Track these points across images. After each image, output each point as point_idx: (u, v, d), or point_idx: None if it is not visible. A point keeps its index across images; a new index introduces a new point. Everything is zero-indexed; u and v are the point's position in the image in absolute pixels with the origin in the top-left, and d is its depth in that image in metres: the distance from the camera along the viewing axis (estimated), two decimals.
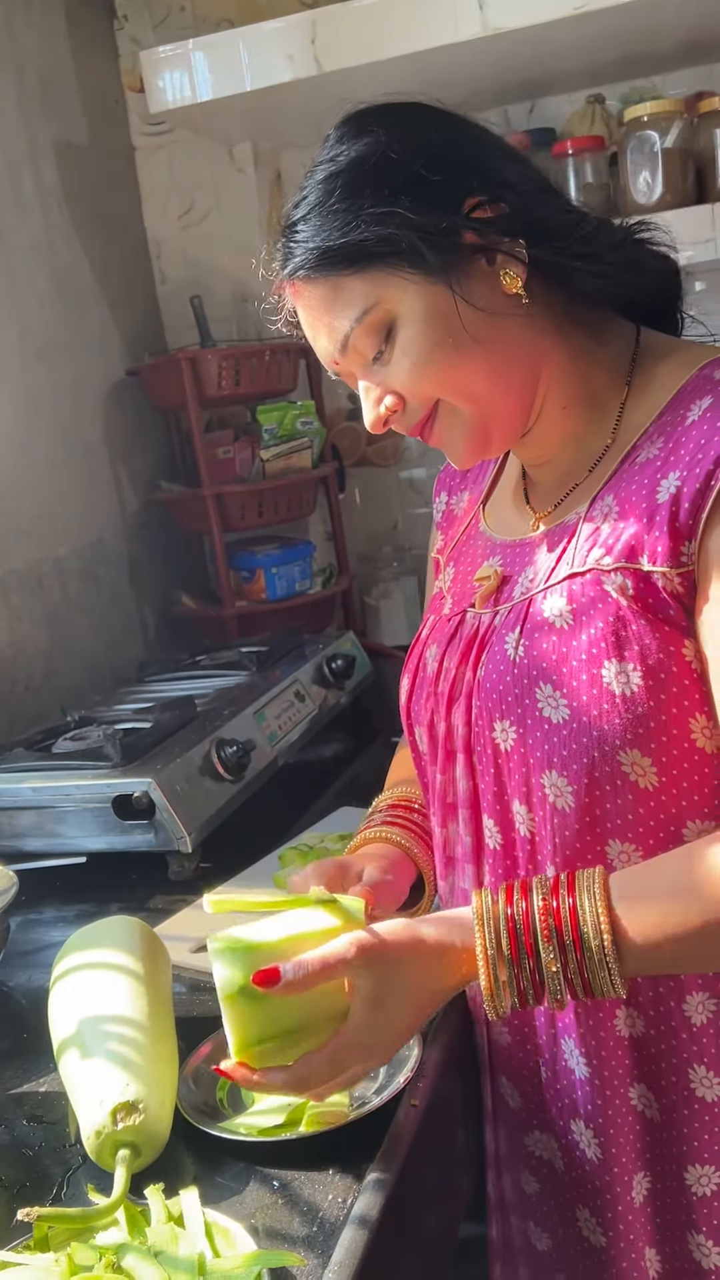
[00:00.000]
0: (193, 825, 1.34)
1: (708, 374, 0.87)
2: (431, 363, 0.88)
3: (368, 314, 0.87)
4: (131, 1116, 0.81)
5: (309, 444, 2.14)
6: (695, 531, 0.81)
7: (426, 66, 1.80)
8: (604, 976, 0.76)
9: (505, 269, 0.87)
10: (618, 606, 0.84)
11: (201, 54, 1.87)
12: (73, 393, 1.96)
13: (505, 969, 0.78)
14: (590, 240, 0.90)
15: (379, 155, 0.86)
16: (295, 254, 0.89)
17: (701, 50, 1.96)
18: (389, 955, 0.79)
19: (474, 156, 0.89)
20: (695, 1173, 0.90)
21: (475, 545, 1.05)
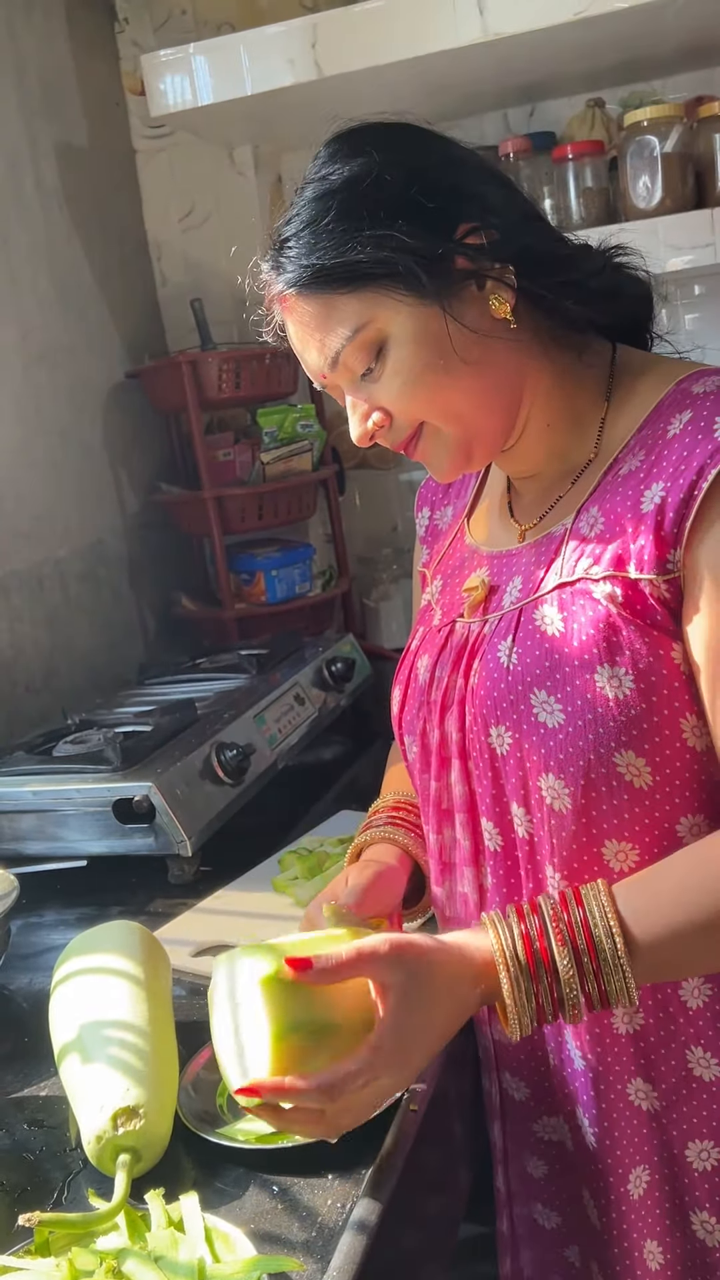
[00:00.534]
0: (193, 829, 1.34)
1: (685, 388, 0.90)
2: (422, 383, 0.90)
3: (360, 332, 0.89)
4: (132, 1121, 0.82)
5: (309, 447, 2.14)
6: (680, 540, 0.84)
7: (427, 71, 1.81)
8: (619, 982, 0.78)
9: (494, 294, 0.90)
10: (608, 614, 0.86)
11: (202, 58, 1.87)
12: (73, 395, 1.97)
13: (526, 984, 0.78)
14: (574, 267, 0.93)
15: (374, 177, 0.87)
16: (288, 269, 0.90)
17: (701, 54, 1.96)
18: (420, 954, 0.79)
19: (466, 182, 0.91)
20: (696, 1148, 0.92)
21: (462, 558, 1.07)
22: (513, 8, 1.70)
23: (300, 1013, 0.76)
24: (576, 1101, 0.96)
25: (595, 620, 0.86)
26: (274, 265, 0.92)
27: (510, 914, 0.81)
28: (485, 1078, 1.05)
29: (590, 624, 0.87)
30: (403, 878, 1.06)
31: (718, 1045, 0.91)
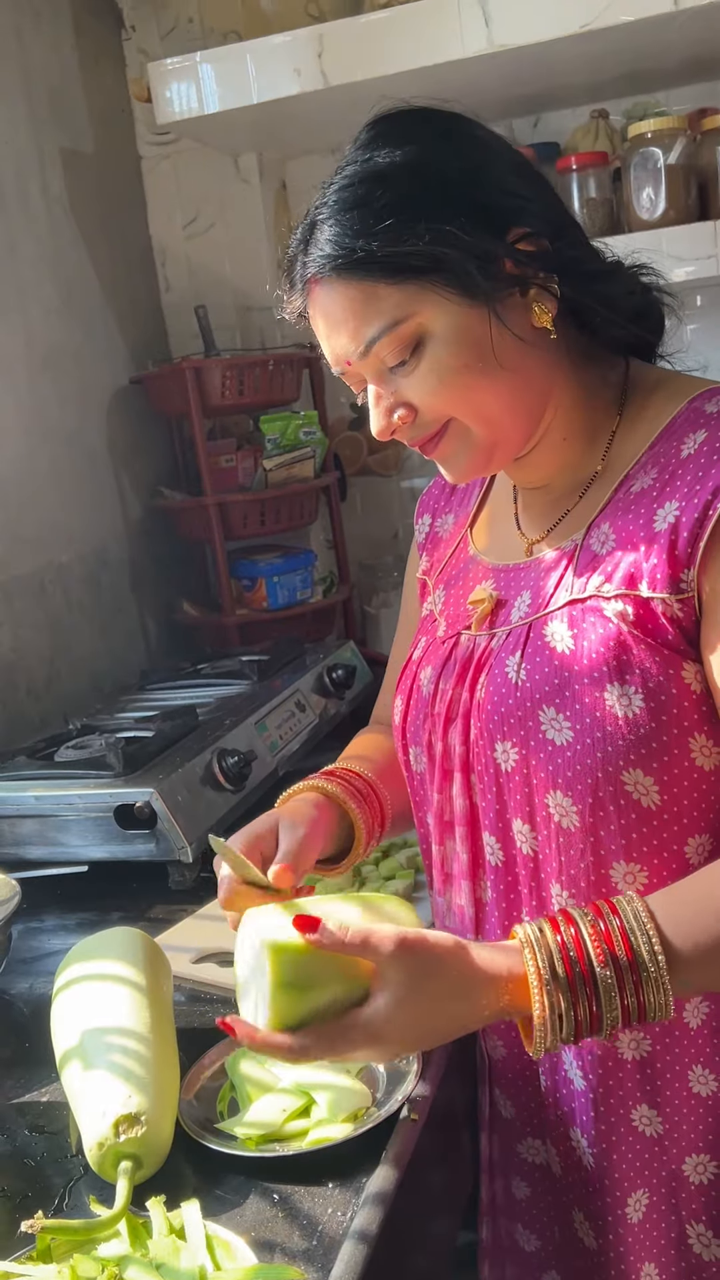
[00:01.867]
0: (194, 835, 1.35)
1: (699, 407, 0.89)
2: (458, 383, 0.88)
3: (400, 325, 0.87)
4: (134, 1129, 0.82)
5: (311, 454, 2.15)
6: (694, 560, 0.83)
7: (432, 81, 1.81)
8: (659, 997, 0.75)
9: (538, 302, 0.88)
10: (619, 632, 0.85)
11: (209, 66, 1.88)
12: (77, 400, 1.97)
13: (562, 997, 0.75)
14: (610, 283, 0.92)
15: (431, 167, 0.85)
16: (326, 249, 0.87)
17: (705, 67, 1.97)
18: (429, 958, 0.77)
19: (520, 184, 0.89)
20: (693, 1161, 0.92)
21: (466, 568, 1.06)
22: (518, 20, 1.71)
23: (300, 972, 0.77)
24: (573, 1124, 0.95)
25: (606, 638, 0.86)
26: (306, 241, 0.90)
27: (545, 929, 0.78)
28: (479, 1089, 1.05)
29: (601, 642, 0.86)
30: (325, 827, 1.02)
31: (715, 1061, 0.91)
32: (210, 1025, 1.05)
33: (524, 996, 0.76)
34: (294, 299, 0.93)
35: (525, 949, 0.77)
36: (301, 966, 0.77)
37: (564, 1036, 0.76)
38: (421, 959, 0.77)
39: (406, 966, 0.77)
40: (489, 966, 0.78)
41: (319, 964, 0.78)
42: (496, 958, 0.78)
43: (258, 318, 2.26)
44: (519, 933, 0.78)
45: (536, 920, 0.79)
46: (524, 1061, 0.99)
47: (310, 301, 0.91)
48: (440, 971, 0.77)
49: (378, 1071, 0.93)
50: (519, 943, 0.78)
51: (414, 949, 0.77)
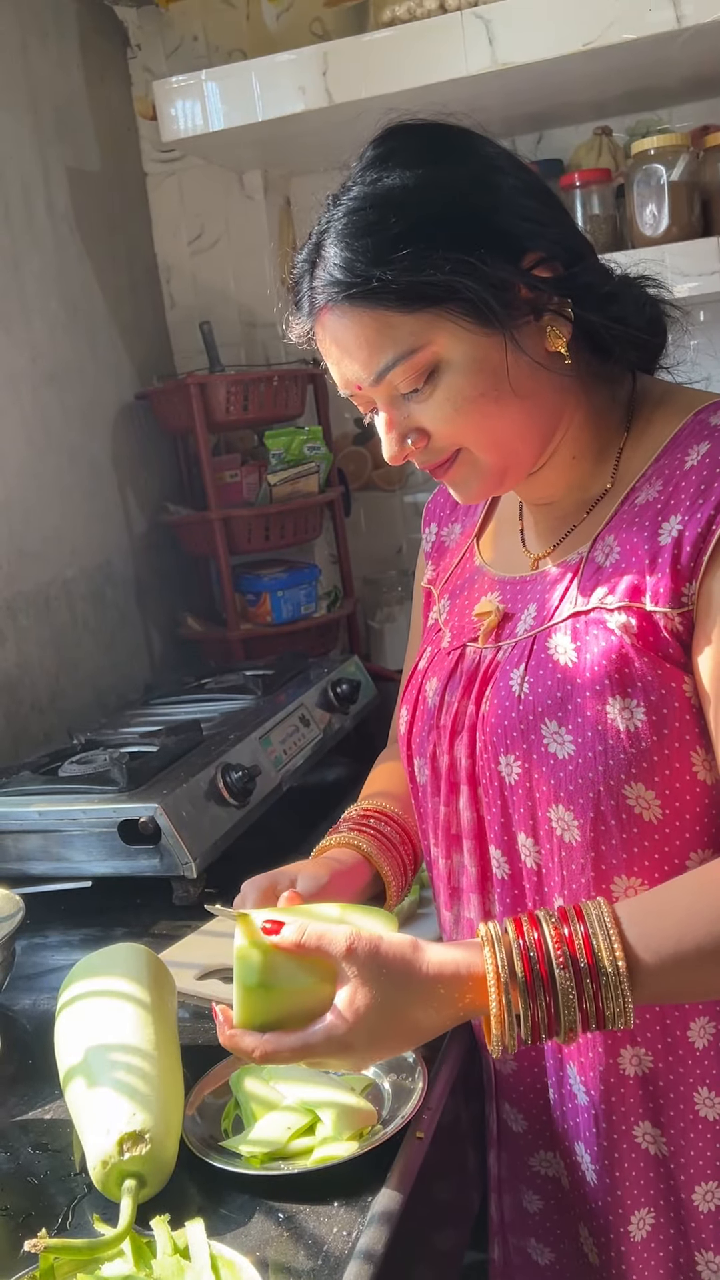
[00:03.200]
0: (198, 850, 1.34)
1: (703, 419, 0.89)
2: (473, 410, 0.87)
3: (415, 354, 0.86)
4: (138, 1146, 0.81)
5: (315, 469, 2.15)
6: (696, 574, 0.83)
7: (435, 98, 1.82)
8: (618, 1005, 0.76)
9: (552, 326, 0.88)
10: (621, 644, 0.85)
11: (214, 84, 1.89)
12: (82, 416, 1.98)
13: (520, 998, 0.76)
14: (622, 302, 0.91)
15: (446, 193, 0.84)
16: (338, 275, 0.85)
17: (708, 85, 1.98)
18: (377, 962, 0.78)
19: (534, 208, 0.88)
20: (702, 1190, 0.91)
21: (472, 579, 1.06)
22: (521, 38, 1.72)
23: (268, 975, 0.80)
24: (578, 1138, 0.95)
25: (608, 651, 0.86)
26: (313, 264, 0.88)
27: (509, 928, 0.79)
28: (486, 1105, 1.04)
29: (603, 655, 0.86)
30: (357, 882, 1.05)
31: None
32: (214, 1041, 1.04)
33: (483, 995, 0.77)
34: (301, 322, 0.92)
35: (485, 947, 0.78)
36: (267, 968, 0.81)
37: (523, 1036, 0.76)
38: (372, 961, 0.78)
39: (359, 967, 0.78)
40: (444, 966, 0.79)
41: (286, 966, 0.80)
42: (454, 956, 0.79)
43: (262, 333, 2.27)
44: (482, 930, 0.79)
45: (504, 920, 0.80)
46: (533, 1075, 0.98)
47: (319, 326, 0.90)
48: (393, 973, 0.78)
49: (383, 1089, 0.93)
50: (480, 940, 0.79)
51: (364, 951, 0.78)
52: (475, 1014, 0.79)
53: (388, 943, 0.80)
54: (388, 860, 1.07)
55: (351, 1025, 0.77)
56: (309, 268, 0.89)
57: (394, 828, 1.11)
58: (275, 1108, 0.91)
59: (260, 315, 2.26)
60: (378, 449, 2.55)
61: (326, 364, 0.93)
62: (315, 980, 0.80)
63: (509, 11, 1.72)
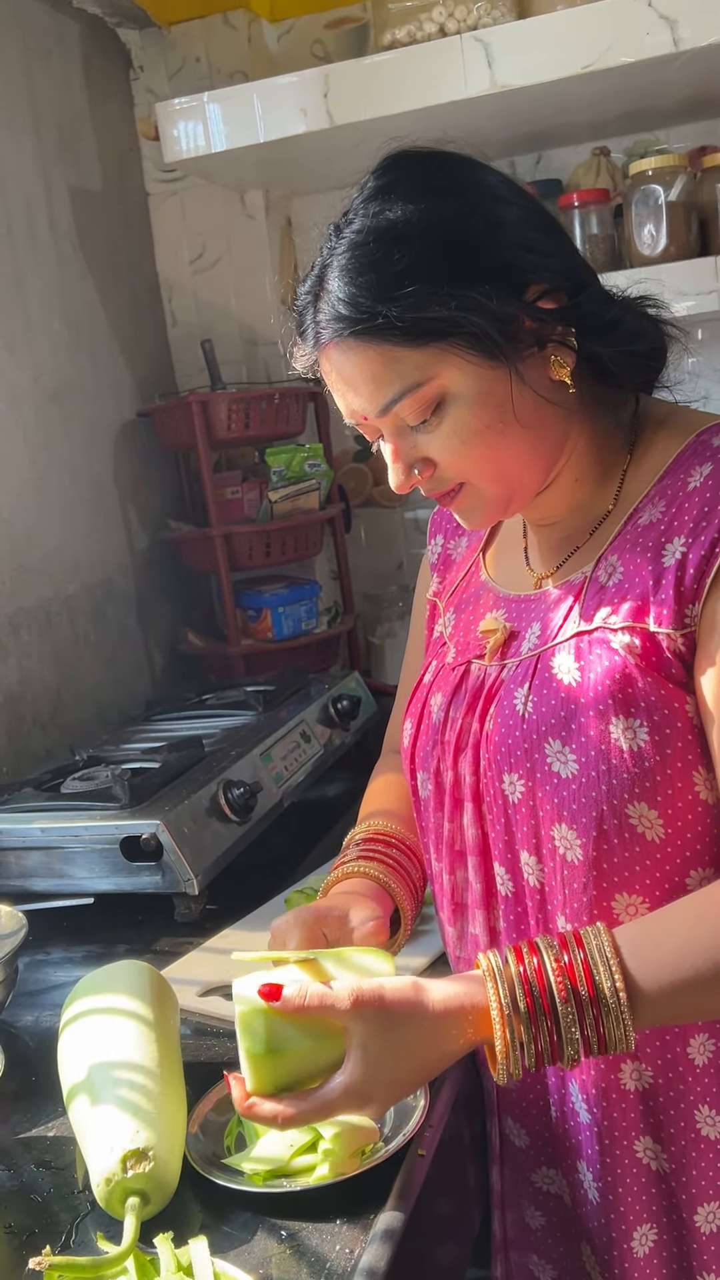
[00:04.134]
0: (200, 867, 1.35)
1: (705, 440, 0.90)
2: (479, 442, 0.88)
3: (421, 387, 0.86)
4: (141, 1164, 0.82)
5: (316, 485, 2.16)
6: (700, 595, 0.84)
7: (435, 120, 1.84)
8: (619, 1031, 0.76)
9: (556, 356, 0.88)
10: (625, 664, 0.86)
11: (216, 106, 1.91)
12: (85, 434, 1.99)
13: (523, 1028, 0.77)
14: (623, 326, 0.92)
15: (450, 228, 0.84)
16: (342, 310, 0.85)
17: (705, 106, 2.00)
18: (385, 1011, 0.78)
19: (536, 238, 0.88)
20: (704, 1211, 0.92)
21: (477, 595, 1.07)
22: (520, 61, 1.74)
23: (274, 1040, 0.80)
24: (580, 1155, 0.95)
25: (611, 670, 0.86)
26: (317, 295, 0.88)
27: (509, 957, 0.79)
28: (487, 1121, 1.05)
29: (606, 674, 0.86)
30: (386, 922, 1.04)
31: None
32: (216, 1059, 1.05)
33: (488, 1026, 0.78)
34: (306, 354, 0.92)
35: (488, 980, 0.79)
36: (272, 1032, 0.80)
37: (527, 1064, 0.77)
38: (380, 1011, 0.78)
39: (367, 1020, 0.78)
40: (448, 1003, 0.79)
41: (289, 1027, 0.80)
42: (456, 991, 0.80)
43: (263, 351, 2.28)
44: (483, 962, 0.80)
45: (504, 948, 0.80)
46: (536, 1091, 0.99)
47: (324, 358, 0.90)
48: (401, 1019, 0.78)
49: None
50: (482, 973, 0.80)
51: (370, 1003, 0.78)
52: (481, 1044, 0.80)
53: (391, 990, 0.79)
54: (403, 887, 1.07)
55: (367, 1077, 0.78)
56: (312, 300, 0.89)
57: (402, 851, 1.10)
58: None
59: (261, 333, 2.27)
60: (378, 466, 2.57)
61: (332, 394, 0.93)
62: (322, 1038, 0.80)
63: (508, 35, 1.74)
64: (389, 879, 1.06)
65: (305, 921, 0.97)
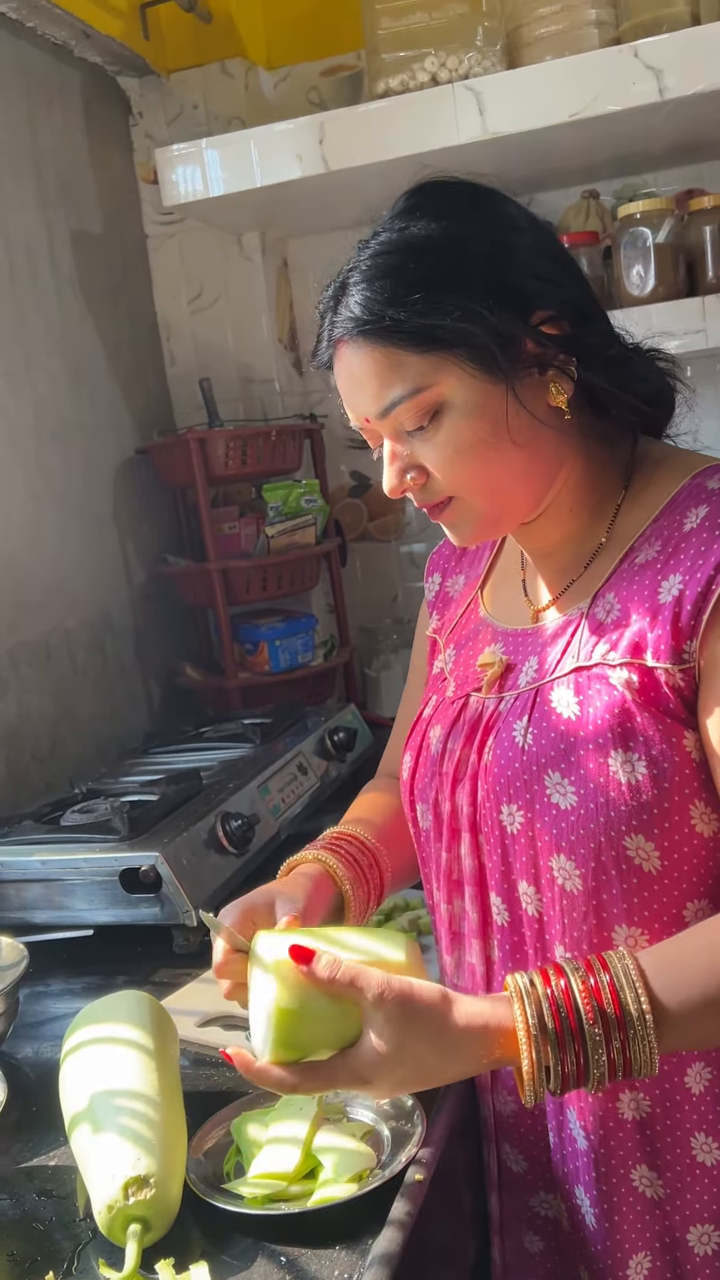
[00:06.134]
0: (198, 899, 1.36)
1: (700, 483, 0.92)
2: (471, 455, 0.91)
3: (421, 393, 0.90)
4: (143, 1191, 0.83)
5: (313, 521, 2.19)
6: (697, 632, 0.86)
7: (428, 165, 1.88)
8: (645, 1054, 0.77)
9: (555, 382, 0.92)
10: (623, 700, 0.88)
11: (214, 152, 1.95)
12: (84, 470, 2.02)
13: (550, 1050, 0.77)
14: (628, 368, 0.95)
15: (464, 245, 0.89)
16: (356, 312, 0.90)
17: (691, 151, 2.05)
18: (408, 1011, 0.79)
19: (548, 268, 0.92)
20: (697, 1232, 0.92)
21: (477, 630, 1.09)
22: (510, 109, 1.78)
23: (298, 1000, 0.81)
24: (577, 1182, 0.96)
25: (611, 705, 0.88)
26: (337, 300, 0.93)
27: (536, 981, 0.79)
28: (484, 1147, 1.05)
29: (605, 709, 0.88)
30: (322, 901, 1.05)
31: (718, 1129, 0.92)
32: (215, 1088, 1.06)
33: (514, 1048, 0.78)
34: (322, 351, 0.97)
35: (515, 1002, 0.79)
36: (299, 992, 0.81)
37: (551, 1087, 0.77)
38: (403, 1009, 0.79)
39: (389, 1014, 0.79)
40: (473, 1019, 0.79)
41: (318, 997, 0.81)
42: (482, 1010, 0.80)
43: (260, 389, 2.32)
44: (510, 984, 0.80)
45: (529, 972, 0.81)
46: (534, 1117, 1.00)
47: (336, 358, 0.95)
48: (422, 1024, 0.79)
49: (382, 1133, 0.94)
50: (509, 995, 0.80)
51: (396, 998, 0.79)
52: (504, 1065, 0.80)
53: (419, 993, 0.80)
54: (353, 882, 1.08)
55: (372, 1063, 0.78)
56: (333, 303, 0.94)
57: (359, 847, 1.12)
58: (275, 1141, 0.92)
59: (258, 372, 2.31)
60: (373, 501, 2.59)
61: (340, 399, 0.97)
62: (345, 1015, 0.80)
63: (498, 84, 1.79)
64: (338, 867, 1.07)
65: (232, 914, 1.00)
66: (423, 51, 1.85)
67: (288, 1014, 0.81)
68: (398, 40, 1.87)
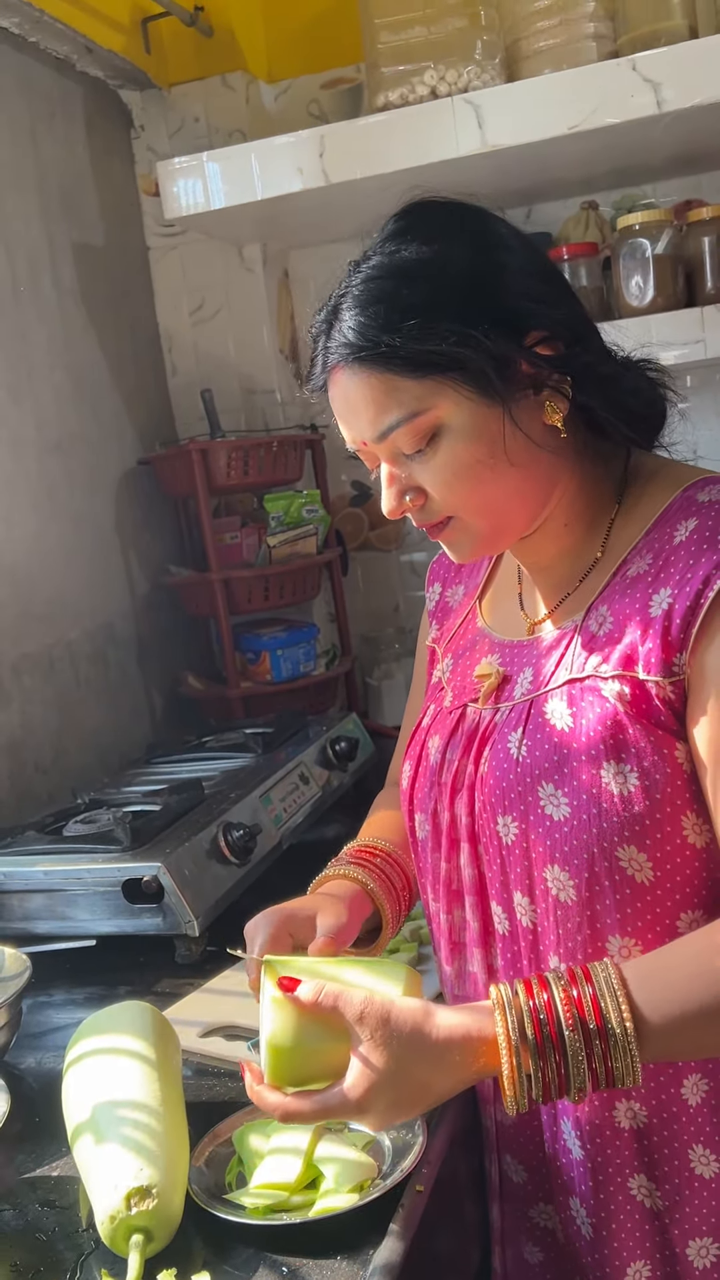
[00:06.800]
0: (200, 909, 1.36)
1: (691, 495, 0.93)
2: (468, 477, 0.91)
3: (418, 417, 0.90)
4: (145, 1201, 0.83)
5: (314, 530, 2.20)
6: (686, 644, 0.86)
7: (427, 178, 1.88)
8: (626, 1065, 0.77)
9: (550, 402, 0.92)
10: (615, 712, 0.89)
11: (215, 165, 1.97)
12: (87, 482, 2.03)
13: (531, 1060, 0.78)
14: (620, 383, 0.95)
15: (457, 269, 0.89)
16: (351, 338, 0.90)
17: (690, 162, 2.06)
18: (388, 1027, 0.80)
19: (541, 289, 0.92)
20: (696, 1245, 0.93)
21: (475, 641, 1.09)
22: (509, 122, 1.80)
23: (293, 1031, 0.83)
24: (573, 1191, 0.97)
25: (603, 717, 0.89)
26: (330, 324, 0.93)
27: (519, 991, 0.80)
28: (486, 1158, 1.06)
29: (598, 721, 0.89)
30: (359, 917, 1.07)
31: (716, 1141, 0.92)
32: (218, 1098, 1.06)
33: (495, 1057, 0.79)
34: (316, 377, 0.97)
35: (497, 1010, 0.80)
36: (293, 1024, 0.83)
37: (535, 1096, 0.78)
38: (384, 1026, 0.80)
39: (371, 1032, 0.80)
40: (454, 1030, 0.81)
41: (311, 1024, 0.83)
42: (464, 1020, 0.81)
43: (261, 400, 2.33)
44: (494, 993, 0.81)
45: (514, 982, 0.82)
46: (532, 1128, 1.00)
47: (332, 382, 0.94)
48: (405, 1036, 0.80)
49: (384, 1144, 0.94)
50: (492, 1004, 0.81)
51: (376, 1016, 0.81)
52: (488, 1075, 0.81)
53: (399, 1009, 0.81)
54: (384, 890, 1.10)
55: (366, 1090, 0.80)
56: (326, 328, 0.94)
57: (389, 862, 1.14)
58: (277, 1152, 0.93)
59: (259, 382, 2.32)
60: (374, 511, 2.61)
61: (336, 419, 0.97)
62: (340, 1040, 0.82)
63: (497, 98, 1.80)
64: (371, 883, 1.09)
65: (272, 921, 1.00)
66: (422, 65, 1.87)
67: (279, 1050, 0.84)
68: (397, 54, 1.88)
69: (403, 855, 1.15)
